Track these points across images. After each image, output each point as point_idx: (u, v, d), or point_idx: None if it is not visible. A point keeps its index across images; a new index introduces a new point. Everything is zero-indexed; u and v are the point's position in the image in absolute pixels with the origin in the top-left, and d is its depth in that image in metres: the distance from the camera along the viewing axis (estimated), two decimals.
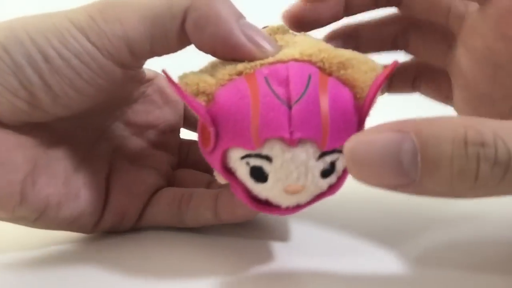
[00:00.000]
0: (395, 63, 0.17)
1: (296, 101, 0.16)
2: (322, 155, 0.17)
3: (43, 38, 0.18)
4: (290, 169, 0.16)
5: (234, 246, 0.22)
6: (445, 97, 0.25)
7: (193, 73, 0.18)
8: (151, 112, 0.25)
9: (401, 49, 0.26)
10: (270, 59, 0.18)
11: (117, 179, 0.23)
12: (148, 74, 0.25)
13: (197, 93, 0.18)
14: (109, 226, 0.23)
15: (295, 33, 0.22)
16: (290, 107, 0.16)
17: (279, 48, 0.19)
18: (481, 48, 0.21)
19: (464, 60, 0.22)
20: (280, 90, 0.16)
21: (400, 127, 0.14)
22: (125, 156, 0.24)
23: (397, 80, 0.27)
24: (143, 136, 0.25)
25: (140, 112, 0.25)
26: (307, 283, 0.19)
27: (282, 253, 0.21)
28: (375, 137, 0.14)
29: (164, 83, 0.26)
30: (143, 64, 0.21)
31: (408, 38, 0.25)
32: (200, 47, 0.19)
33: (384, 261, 0.20)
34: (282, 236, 0.23)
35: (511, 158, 0.13)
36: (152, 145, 0.25)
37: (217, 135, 0.17)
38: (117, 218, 0.23)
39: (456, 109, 0.24)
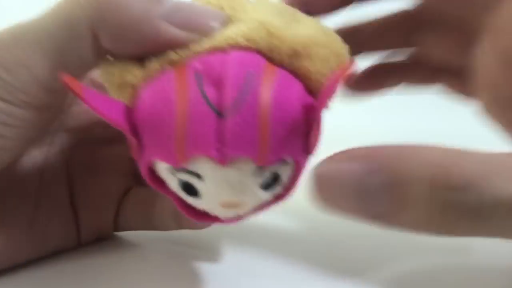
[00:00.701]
0: (353, 62, 0.14)
1: (230, 110, 0.14)
2: (261, 169, 0.15)
3: None
4: (223, 187, 0.15)
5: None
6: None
7: (117, 59, 0.16)
8: (90, 110, 0.23)
9: (409, 49, 0.23)
10: (207, 44, 0.15)
11: (81, 198, 0.22)
12: None
13: (122, 85, 0.16)
14: (90, 240, 0.22)
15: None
16: (222, 116, 0.14)
17: (223, 20, 0.16)
18: (509, 46, 0.18)
19: (488, 58, 0.19)
20: (212, 93, 0.14)
21: (369, 157, 0.13)
22: (81, 165, 0.22)
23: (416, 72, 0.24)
24: (92, 137, 0.23)
25: (79, 114, 0.22)
26: None
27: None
28: (342, 165, 0.14)
29: (96, 73, 0.23)
30: None
31: (418, 38, 0.22)
32: (129, 56, 0.16)
33: None
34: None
35: (483, 205, 0.12)
36: (105, 142, 0.23)
37: (140, 144, 0.15)
38: (94, 233, 0.22)
39: (481, 111, 0.22)
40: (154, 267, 0.21)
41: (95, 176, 0.23)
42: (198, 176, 0.15)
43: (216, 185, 0.15)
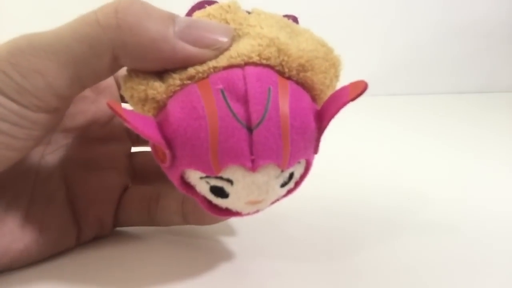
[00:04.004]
0: (365, 85, 0.16)
1: (257, 124, 0.15)
2: (282, 171, 0.17)
3: None
4: (252, 189, 0.17)
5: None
6: None
7: (138, 74, 0.17)
8: (86, 110, 0.23)
9: None
10: (224, 61, 0.16)
11: (80, 195, 0.22)
12: None
13: (145, 99, 0.17)
14: (91, 237, 0.23)
15: (248, 10, 0.19)
16: (250, 130, 0.15)
17: (232, 35, 0.17)
18: None
19: None
20: (238, 109, 0.15)
21: None
22: (78, 164, 0.23)
23: None
24: (88, 136, 0.23)
25: (75, 115, 0.23)
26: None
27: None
28: None
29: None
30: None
31: None
32: (148, 70, 0.17)
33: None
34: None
35: None
36: (100, 142, 0.24)
37: (173, 156, 0.17)
38: (96, 228, 0.23)
39: None
40: (156, 258, 0.22)
41: (93, 174, 0.23)
42: (229, 181, 0.16)
43: (246, 188, 0.16)
